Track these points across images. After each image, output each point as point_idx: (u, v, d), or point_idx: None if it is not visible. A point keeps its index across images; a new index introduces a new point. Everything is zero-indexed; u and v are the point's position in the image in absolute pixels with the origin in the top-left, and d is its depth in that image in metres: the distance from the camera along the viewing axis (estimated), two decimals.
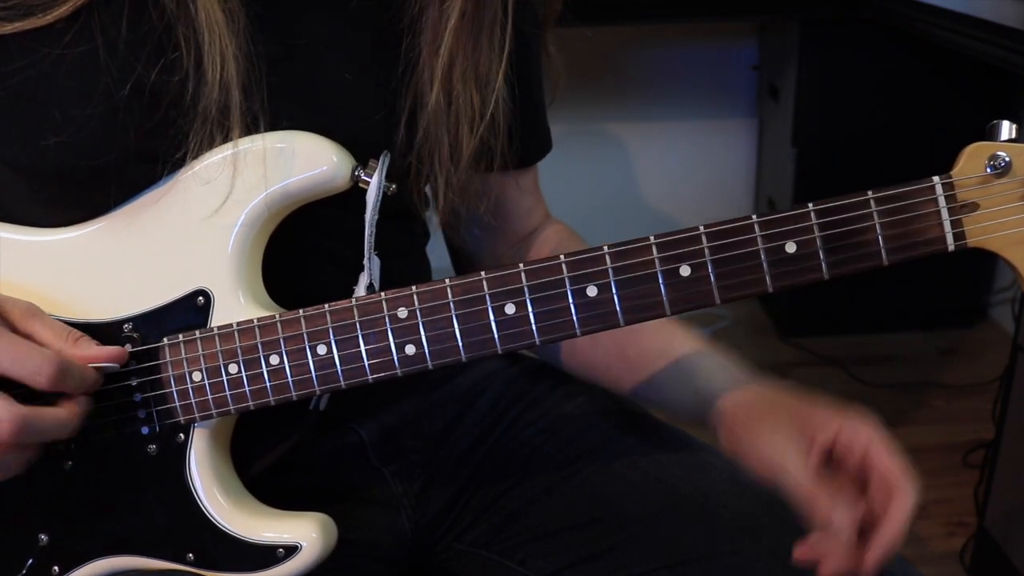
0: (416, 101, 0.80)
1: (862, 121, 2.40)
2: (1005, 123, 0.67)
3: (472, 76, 0.80)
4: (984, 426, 1.93)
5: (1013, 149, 0.66)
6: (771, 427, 0.76)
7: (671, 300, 0.69)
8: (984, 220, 0.67)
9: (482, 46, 0.79)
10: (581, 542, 0.86)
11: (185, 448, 0.76)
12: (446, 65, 0.78)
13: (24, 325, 0.71)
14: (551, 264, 0.70)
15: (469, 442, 0.94)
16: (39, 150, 0.73)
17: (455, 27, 0.77)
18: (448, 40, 0.78)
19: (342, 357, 0.73)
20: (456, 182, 0.83)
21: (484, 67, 0.80)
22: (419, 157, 0.81)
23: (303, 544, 0.75)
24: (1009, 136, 0.67)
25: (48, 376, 0.68)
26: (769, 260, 0.68)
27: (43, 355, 0.68)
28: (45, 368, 0.68)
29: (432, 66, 0.78)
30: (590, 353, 0.93)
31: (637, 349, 0.89)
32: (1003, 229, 0.67)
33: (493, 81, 0.81)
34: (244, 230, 0.75)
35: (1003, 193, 0.67)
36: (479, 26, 0.79)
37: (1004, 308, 2.55)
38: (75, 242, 0.77)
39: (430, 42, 0.78)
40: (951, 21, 1.70)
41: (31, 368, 0.68)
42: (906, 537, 0.71)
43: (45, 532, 0.77)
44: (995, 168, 0.66)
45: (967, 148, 0.67)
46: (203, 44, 0.71)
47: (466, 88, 0.80)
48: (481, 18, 0.79)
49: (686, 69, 2.76)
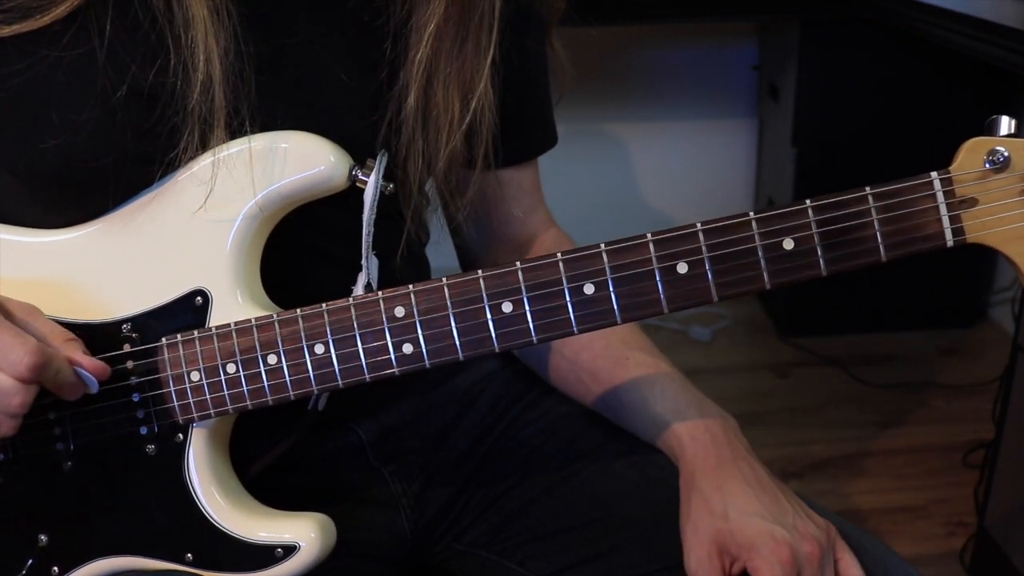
0: (399, 103, 0.80)
1: (862, 121, 2.40)
2: (1004, 118, 0.67)
3: (455, 82, 0.79)
4: (984, 426, 1.93)
5: (1012, 144, 0.66)
6: (704, 517, 0.79)
7: (668, 297, 0.69)
8: (983, 216, 0.67)
9: (467, 51, 0.79)
10: (581, 542, 0.86)
11: (184, 448, 0.76)
12: (426, 69, 0.78)
13: (21, 321, 0.71)
14: (548, 262, 0.70)
15: (468, 442, 0.94)
16: (38, 153, 0.73)
17: (436, 31, 0.77)
18: (429, 43, 0.77)
19: (339, 356, 0.72)
20: (439, 185, 0.83)
21: (468, 73, 0.80)
22: (400, 160, 0.81)
23: (302, 544, 0.75)
24: (1008, 131, 0.67)
25: (28, 365, 0.67)
26: (767, 257, 0.68)
27: (26, 346, 0.67)
28: (27, 358, 0.67)
29: (413, 69, 0.78)
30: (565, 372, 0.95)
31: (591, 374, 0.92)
32: (1002, 224, 0.67)
33: (476, 87, 0.80)
34: (242, 230, 0.75)
35: (1002, 188, 0.67)
36: (464, 31, 0.78)
37: (1004, 308, 2.55)
38: (73, 243, 0.77)
39: (414, 44, 0.78)
40: (951, 21, 1.70)
41: (13, 359, 0.67)
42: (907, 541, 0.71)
43: (44, 532, 0.77)
44: (994, 163, 0.66)
45: (966, 143, 0.67)
46: (189, 42, 0.71)
47: (447, 94, 0.79)
48: (467, 23, 0.78)
49: (686, 69, 2.76)
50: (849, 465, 2.11)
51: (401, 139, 0.80)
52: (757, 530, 0.75)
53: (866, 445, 2.17)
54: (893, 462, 2.12)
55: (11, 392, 0.68)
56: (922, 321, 2.57)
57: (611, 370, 0.89)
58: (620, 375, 0.89)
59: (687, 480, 0.82)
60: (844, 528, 0.81)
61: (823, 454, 2.14)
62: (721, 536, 0.77)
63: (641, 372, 0.88)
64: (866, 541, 0.80)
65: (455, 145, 0.80)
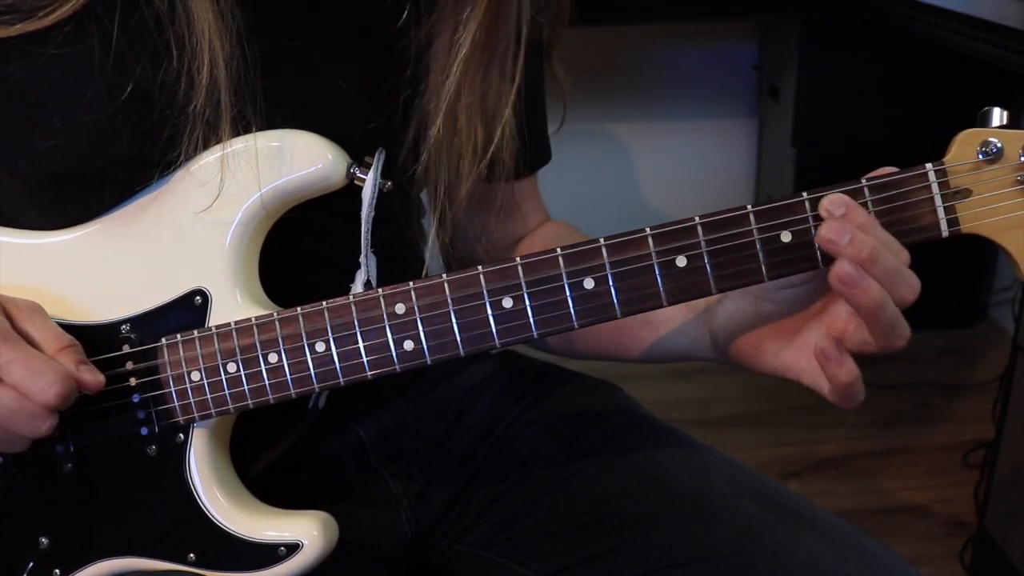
0: (419, 130, 0.79)
1: (862, 121, 2.40)
2: (996, 110, 0.68)
3: (479, 109, 0.79)
4: (984, 426, 1.93)
5: (1004, 135, 0.67)
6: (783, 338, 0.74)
7: (668, 291, 0.69)
8: (977, 206, 0.68)
9: (492, 78, 0.79)
10: (581, 542, 0.86)
11: (185, 448, 0.76)
12: (453, 96, 0.78)
13: (24, 323, 0.70)
14: (548, 258, 0.70)
15: (469, 442, 0.94)
16: (36, 154, 0.73)
17: (466, 58, 0.77)
18: (457, 71, 0.77)
19: (341, 354, 0.72)
20: (453, 213, 0.83)
21: (493, 100, 0.79)
22: (418, 186, 0.81)
23: (305, 542, 0.75)
24: (1000, 123, 0.68)
25: (57, 394, 0.67)
26: (765, 250, 0.68)
27: (56, 371, 0.67)
28: (56, 387, 0.66)
29: (439, 95, 0.78)
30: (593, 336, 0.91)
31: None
32: (996, 215, 0.68)
33: (501, 114, 0.80)
34: (240, 229, 0.75)
35: (995, 179, 0.68)
36: (490, 58, 0.78)
37: (1004, 308, 2.55)
38: (72, 244, 0.77)
39: (439, 71, 0.78)
40: (951, 21, 1.70)
41: (43, 384, 0.66)
42: (908, 539, 0.71)
43: (46, 535, 0.77)
44: (987, 154, 0.67)
45: (959, 135, 0.68)
46: (194, 45, 0.71)
47: (471, 121, 0.79)
48: (493, 49, 0.78)
49: (686, 69, 2.76)
50: (849, 465, 2.12)
51: (420, 165, 0.80)
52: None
53: (866, 445, 2.17)
54: (893, 462, 2.12)
55: (42, 417, 0.68)
56: (922, 321, 2.54)
57: None
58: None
59: (741, 354, 0.78)
60: (844, 528, 0.81)
61: (823, 454, 2.14)
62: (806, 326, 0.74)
63: None
64: (866, 541, 0.80)
65: (479, 173, 0.81)
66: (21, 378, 0.66)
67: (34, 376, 0.66)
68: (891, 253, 0.66)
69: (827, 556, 0.77)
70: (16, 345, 0.67)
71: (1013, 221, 0.68)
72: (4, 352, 0.66)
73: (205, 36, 0.71)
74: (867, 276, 0.64)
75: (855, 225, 0.65)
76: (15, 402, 0.66)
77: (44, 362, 0.67)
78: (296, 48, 0.77)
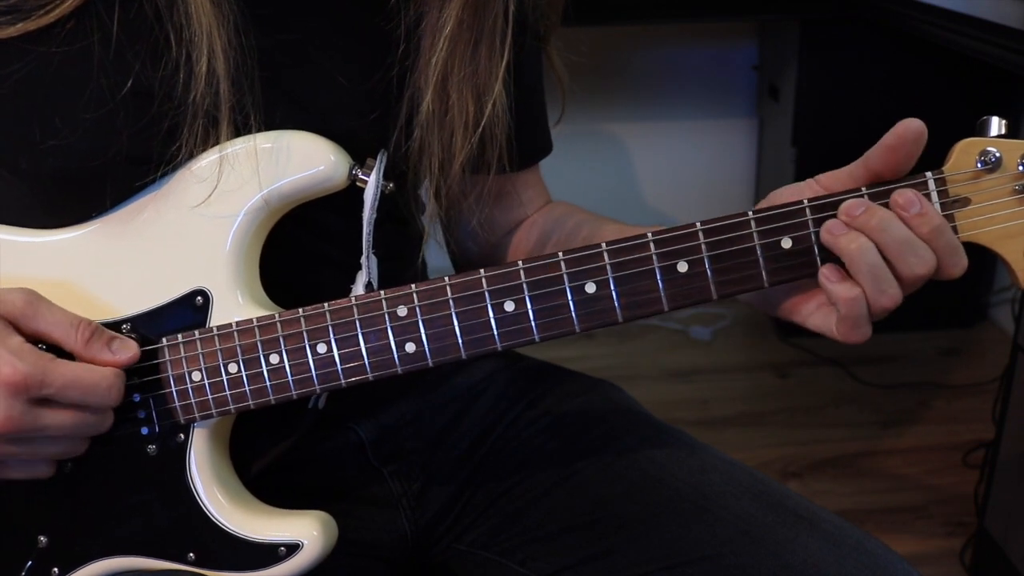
0: (412, 106, 0.80)
1: (862, 121, 2.39)
2: (994, 119, 0.68)
3: (469, 85, 0.80)
4: (984, 426, 1.93)
5: (1003, 145, 0.68)
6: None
7: (669, 296, 0.69)
8: (975, 215, 0.69)
9: (480, 55, 0.79)
10: (581, 542, 0.86)
11: (185, 448, 0.76)
12: (441, 72, 0.78)
13: (31, 325, 0.70)
14: (550, 262, 0.70)
15: (468, 442, 0.94)
16: (37, 153, 0.73)
17: (451, 34, 0.77)
18: (444, 47, 0.78)
19: (342, 356, 0.73)
20: (447, 188, 0.83)
21: (482, 76, 0.80)
22: (412, 163, 0.81)
23: (305, 542, 0.75)
24: (999, 132, 0.68)
25: (116, 397, 0.72)
26: (765, 255, 0.69)
27: (106, 378, 0.71)
28: (113, 391, 0.71)
29: (427, 72, 0.79)
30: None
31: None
32: (994, 223, 0.69)
33: (491, 90, 0.80)
34: (242, 229, 0.75)
35: (994, 188, 0.68)
36: (478, 35, 0.79)
37: (1004, 308, 2.55)
38: (73, 243, 0.77)
39: (427, 48, 0.78)
40: (951, 21, 1.70)
41: (101, 394, 0.70)
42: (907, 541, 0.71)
43: (44, 533, 0.77)
44: (985, 164, 0.68)
45: (958, 144, 0.69)
46: (192, 35, 0.71)
47: (461, 96, 0.80)
48: (480, 27, 0.79)
49: (686, 69, 2.76)
50: (849, 465, 2.12)
51: (414, 141, 0.80)
52: None
53: (866, 445, 2.18)
54: (893, 462, 2.12)
55: (107, 417, 0.73)
56: (922, 321, 2.57)
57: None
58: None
59: (749, 297, 0.78)
60: (844, 528, 0.81)
61: (823, 454, 2.14)
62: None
63: None
64: (866, 541, 0.80)
65: (471, 148, 0.81)
66: (80, 398, 0.69)
67: (90, 392, 0.70)
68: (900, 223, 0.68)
69: (827, 556, 0.77)
70: (55, 367, 0.68)
71: (1011, 230, 0.68)
72: (49, 382, 0.68)
73: (203, 26, 0.71)
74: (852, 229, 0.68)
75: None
76: (79, 418, 0.70)
77: (91, 372, 0.70)
78: (293, 40, 0.77)
